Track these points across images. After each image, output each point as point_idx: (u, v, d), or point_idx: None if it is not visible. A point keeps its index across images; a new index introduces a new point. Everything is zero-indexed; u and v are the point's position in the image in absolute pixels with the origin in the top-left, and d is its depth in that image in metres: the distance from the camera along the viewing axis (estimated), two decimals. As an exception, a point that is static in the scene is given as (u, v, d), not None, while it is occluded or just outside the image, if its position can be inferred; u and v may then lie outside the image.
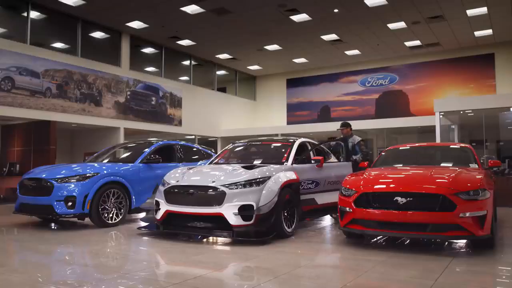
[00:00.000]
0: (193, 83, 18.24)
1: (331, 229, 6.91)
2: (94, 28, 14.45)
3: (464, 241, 5.48)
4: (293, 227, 6.02)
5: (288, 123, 20.64)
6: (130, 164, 7.51)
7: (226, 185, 5.49)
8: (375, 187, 5.17)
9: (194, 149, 9.33)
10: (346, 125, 8.38)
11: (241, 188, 5.47)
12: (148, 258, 4.97)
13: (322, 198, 6.83)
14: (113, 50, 15.12)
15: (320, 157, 6.82)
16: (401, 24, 14.23)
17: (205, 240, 5.86)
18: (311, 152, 7.19)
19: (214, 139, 19.51)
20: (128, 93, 15.00)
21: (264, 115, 21.55)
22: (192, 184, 5.74)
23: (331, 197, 6.83)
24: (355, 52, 17.47)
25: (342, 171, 7.36)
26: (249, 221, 5.37)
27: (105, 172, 6.99)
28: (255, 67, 20.29)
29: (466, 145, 6.93)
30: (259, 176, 5.64)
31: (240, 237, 5.40)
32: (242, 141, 7.92)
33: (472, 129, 15.63)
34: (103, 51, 15.20)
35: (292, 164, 6.42)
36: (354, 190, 5.22)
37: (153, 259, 4.91)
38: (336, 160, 8.27)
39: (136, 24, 14.37)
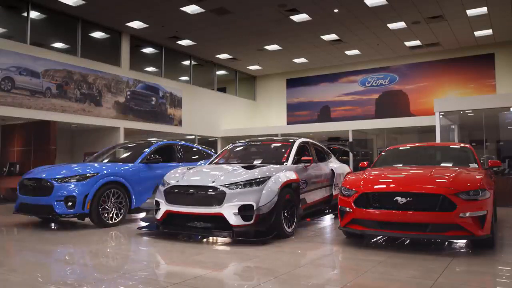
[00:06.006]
0: (193, 83, 18.23)
1: (331, 229, 6.91)
2: (94, 28, 14.44)
3: (464, 241, 5.48)
4: (293, 227, 6.03)
5: (288, 123, 20.63)
6: (130, 164, 7.52)
7: (226, 185, 5.49)
8: (375, 187, 5.17)
9: (194, 149, 9.33)
10: None
11: (241, 188, 5.47)
12: (148, 258, 4.96)
13: (309, 197, 6.87)
14: (113, 50, 15.12)
15: (310, 157, 6.83)
16: (401, 24, 14.22)
17: (205, 240, 5.86)
18: (305, 153, 7.21)
19: (214, 139, 19.51)
20: (128, 93, 15.00)
21: (264, 115, 21.54)
22: (192, 184, 5.74)
23: (315, 196, 7.05)
24: (355, 52, 17.47)
25: (320, 170, 7.43)
26: (249, 221, 5.37)
27: (105, 172, 6.99)
28: (255, 67, 20.29)
29: (466, 145, 6.93)
30: (259, 176, 5.64)
31: (240, 237, 5.40)
32: (242, 141, 7.92)
33: (472, 129, 15.63)
34: (103, 51, 15.20)
35: (292, 164, 6.43)
36: (354, 190, 5.22)
37: (153, 259, 4.91)
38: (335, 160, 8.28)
39: (136, 24, 14.37)
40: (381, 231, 5.10)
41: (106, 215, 6.92)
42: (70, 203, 6.60)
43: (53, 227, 7.22)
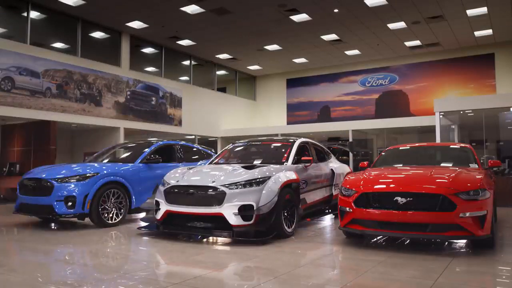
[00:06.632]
0: (193, 83, 18.23)
1: (331, 229, 6.91)
2: (94, 28, 14.44)
3: (464, 241, 5.48)
4: (293, 227, 6.03)
5: (288, 123, 20.63)
6: (130, 164, 7.52)
7: (226, 185, 5.49)
8: (375, 187, 5.17)
9: (194, 149, 9.33)
10: None
11: (241, 188, 5.47)
12: (148, 258, 4.96)
13: (309, 197, 6.87)
14: (113, 50, 15.12)
15: (310, 157, 6.83)
16: (401, 24, 14.22)
17: (205, 240, 5.86)
18: (305, 153, 7.20)
19: (214, 139, 19.51)
20: (128, 93, 15.00)
21: (264, 115, 21.55)
22: (192, 184, 5.74)
23: (315, 196, 7.06)
24: (355, 52, 17.47)
25: (320, 170, 7.43)
26: (249, 221, 5.37)
27: (105, 172, 6.99)
28: (255, 67, 20.29)
29: (466, 145, 6.93)
30: (259, 176, 5.64)
31: (240, 237, 5.40)
32: (242, 141, 7.92)
33: (472, 129, 15.63)
34: (103, 51, 15.20)
35: (292, 164, 6.43)
36: (354, 190, 5.22)
37: (153, 259, 4.91)
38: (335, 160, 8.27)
39: (136, 24, 14.37)
40: (381, 231, 5.10)
41: (106, 215, 6.92)
42: (70, 203, 6.60)
43: (53, 227, 7.22)
